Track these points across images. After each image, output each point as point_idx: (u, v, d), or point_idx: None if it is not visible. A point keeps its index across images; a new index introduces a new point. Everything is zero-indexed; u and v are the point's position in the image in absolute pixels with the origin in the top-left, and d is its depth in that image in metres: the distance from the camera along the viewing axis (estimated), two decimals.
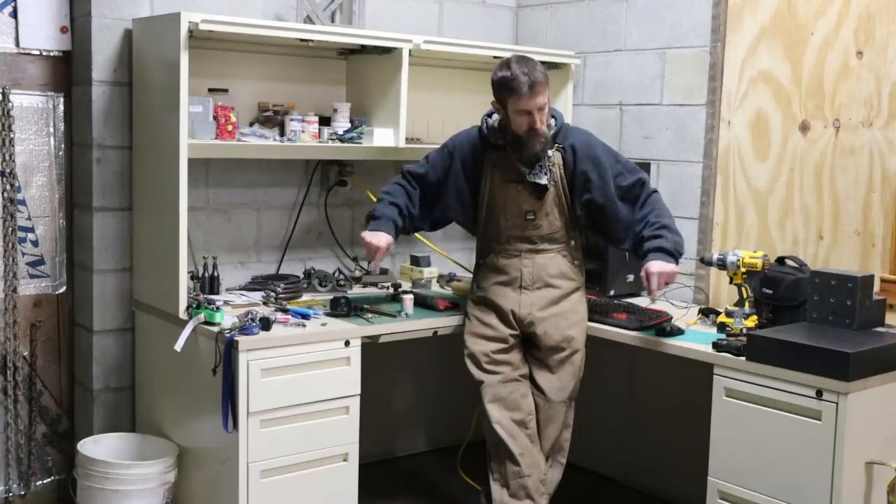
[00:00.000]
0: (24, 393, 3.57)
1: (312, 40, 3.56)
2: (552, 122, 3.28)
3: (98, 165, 3.49)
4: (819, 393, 2.69)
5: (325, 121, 3.70)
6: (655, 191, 3.34)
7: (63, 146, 3.61)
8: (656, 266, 3.12)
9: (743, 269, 3.22)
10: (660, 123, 3.99)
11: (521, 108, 3.14)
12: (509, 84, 3.13)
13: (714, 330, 3.29)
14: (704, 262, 3.37)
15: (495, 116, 3.31)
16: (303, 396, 3.12)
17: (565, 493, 3.46)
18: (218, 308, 3.16)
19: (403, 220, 3.35)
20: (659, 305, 3.66)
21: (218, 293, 3.52)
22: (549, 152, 3.26)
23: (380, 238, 3.25)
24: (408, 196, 3.39)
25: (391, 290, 3.80)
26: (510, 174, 3.28)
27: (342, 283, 3.84)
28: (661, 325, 3.27)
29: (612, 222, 3.30)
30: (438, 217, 3.47)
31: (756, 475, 2.85)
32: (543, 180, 3.24)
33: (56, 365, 3.68)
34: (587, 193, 3.27)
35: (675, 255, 3.16)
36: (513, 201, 3.30)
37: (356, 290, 3.83)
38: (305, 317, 3.25)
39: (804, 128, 3.55)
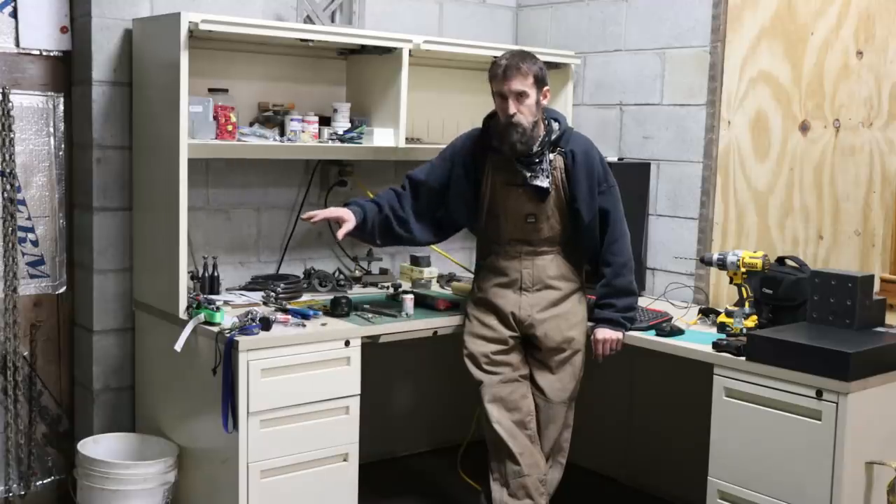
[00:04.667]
0: (24, 393, 3.56)
1: (312, 40, 3.56)
2: (555, 125, 3.28)
3: (98, 165, 3.49)
4: (819, 393, 2.69)
5: (325, 121, 3.70)
6: (624, 233, 3.33)
7: (63, 146, 3.61)
8: (601, 334, 3.29)
9: (743, 269, 3.23)
10: (660, 123, 3.99)
11: (496, 90, 3.20)
12: (491, 67, 3.23)
13: (714, 330, 3.29)
14: (704, 262, 3.38)
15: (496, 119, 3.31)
16: (303, 396, 3.12)
17: (565, 493, 3.46)
18: (218, 308, 3.16)
19: (381, 216, 3.33)
20: (659, 305, 3.67)
21: (218, 293, 3.51)
22: (551, 156, 3.26)
23: (337, 208, 3.33)
24: (397, 198, 3.37)
25: (391, 290, 3.80)
26: (511, 177, 3.28)
27: (342, 283, 3.84)
28: (661, 325, 3.27)
29: (583, 236, 3.32)
30: (442, 218, 3.42)
31: (756, 475, 2.85)
32: (545, 183, 3.23)
33: (56, 365, 3.67)
34: (574, 203, 3.28)
35: (622, 324, 3.30)
36: (514, 204, 3.30)
37: (356, 290, 3.83)
38: (305, 317, 3.25)
39: (804, 128, 3.55)
